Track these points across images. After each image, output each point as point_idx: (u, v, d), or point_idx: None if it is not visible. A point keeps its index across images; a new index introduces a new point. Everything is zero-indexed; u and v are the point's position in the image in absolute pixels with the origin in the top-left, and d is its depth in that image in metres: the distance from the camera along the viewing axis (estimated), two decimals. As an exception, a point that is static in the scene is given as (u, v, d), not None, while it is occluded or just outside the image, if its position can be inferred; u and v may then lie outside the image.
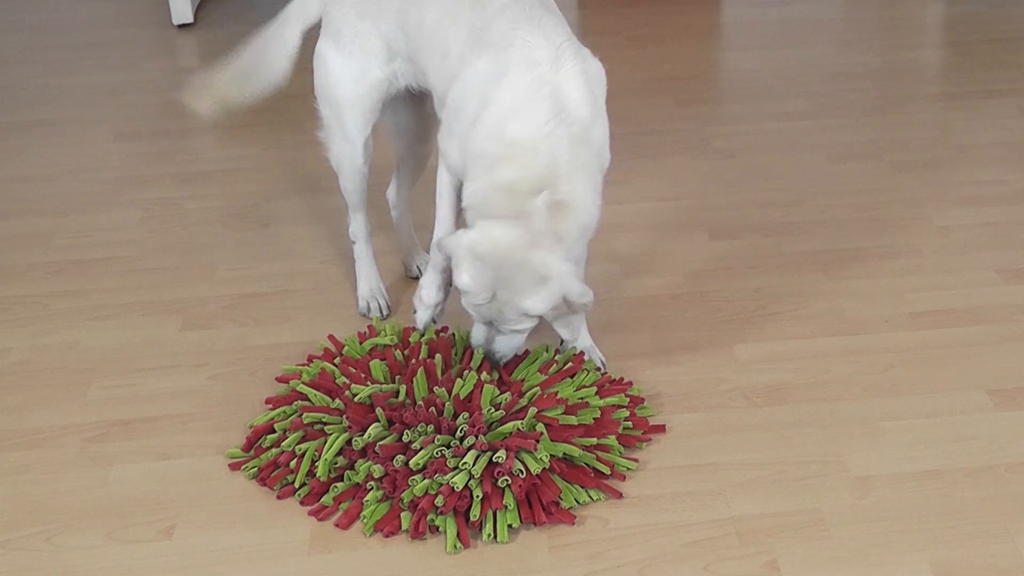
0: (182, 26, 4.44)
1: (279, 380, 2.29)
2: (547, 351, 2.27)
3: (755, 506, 1.99)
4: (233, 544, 1.96)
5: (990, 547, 1.89)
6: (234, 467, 2.11)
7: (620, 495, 2.03)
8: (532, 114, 2.08)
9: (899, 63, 3.84)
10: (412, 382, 2.13)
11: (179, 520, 2.02)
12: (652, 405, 2.23)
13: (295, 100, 3.74)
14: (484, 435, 2.00)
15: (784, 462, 2.09)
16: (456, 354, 2.25)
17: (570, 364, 2.24)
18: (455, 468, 1.96)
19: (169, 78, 3.95)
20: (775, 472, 2.07)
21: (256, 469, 2.09)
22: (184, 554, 1.95)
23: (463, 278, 2.08)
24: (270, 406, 2.23)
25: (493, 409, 2.05)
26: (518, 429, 2.01)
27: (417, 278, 2.67)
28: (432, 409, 2.05)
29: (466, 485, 1.94)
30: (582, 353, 2.30)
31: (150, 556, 1.94)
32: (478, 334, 2.18)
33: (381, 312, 2.57)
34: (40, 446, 2.21)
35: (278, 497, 2.04)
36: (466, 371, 2.16)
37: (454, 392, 2.09)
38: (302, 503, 2.02)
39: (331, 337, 2.38)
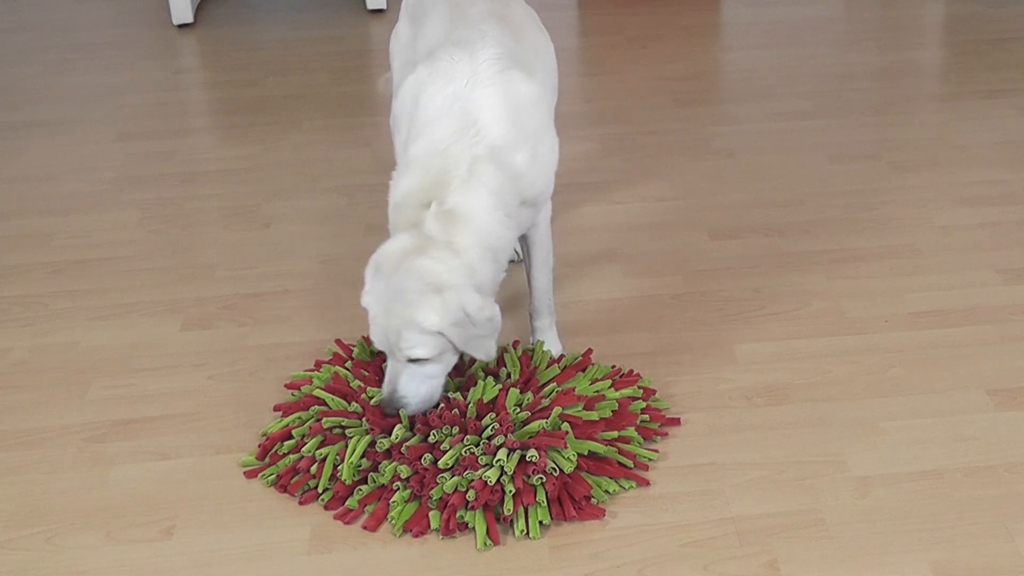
0: (182, 26, 4.44)
1: (288, 387, 2.28)
2: (543, 348, 2.29)
3: (755, 506, 1.99)
4: (233, 544, 1.96)
5: (990, 547, 1.89)
6: (250, 475, 2.10)
7: (648, 483, 2.04)
8: (437, 130, 2.09)
9: (899, 63, 3.84)
10: None
11: (179, 520, 2.02)
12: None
13: (295, 100, 3.75)
14: (512, 434, 2.01)
15: (784, 462, 2.09)
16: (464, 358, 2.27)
17: (579, 359, 2.27)
18: (486, 465, 1.97)
19: (169, 78, 3.96)
20: (775, 472, 2.07)
21: (274, 476, 2.08)
22: (184, 554, 1.95)
23: (364, 295, 2.06)
24: (279, 413, 2.24)
25: (518, 409, 2.06)
26: (544, 428, 2.02)
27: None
28: (455, 411, 2.06)
29: (497, 480, 1.95)
30: (590, 350, 2.31)
31: (150, 556, 1.94)
32: (385, 381, 2.05)
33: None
34: (40, 446, 2.21)
35: (300, 503, 2.04)
36: (477, 374, 2.18)
37: (476, 396, 2.09)
38: (326, 507, 2.02)
39: (339, 341, 2.38)
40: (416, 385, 2.03)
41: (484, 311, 2.00)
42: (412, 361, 2.01)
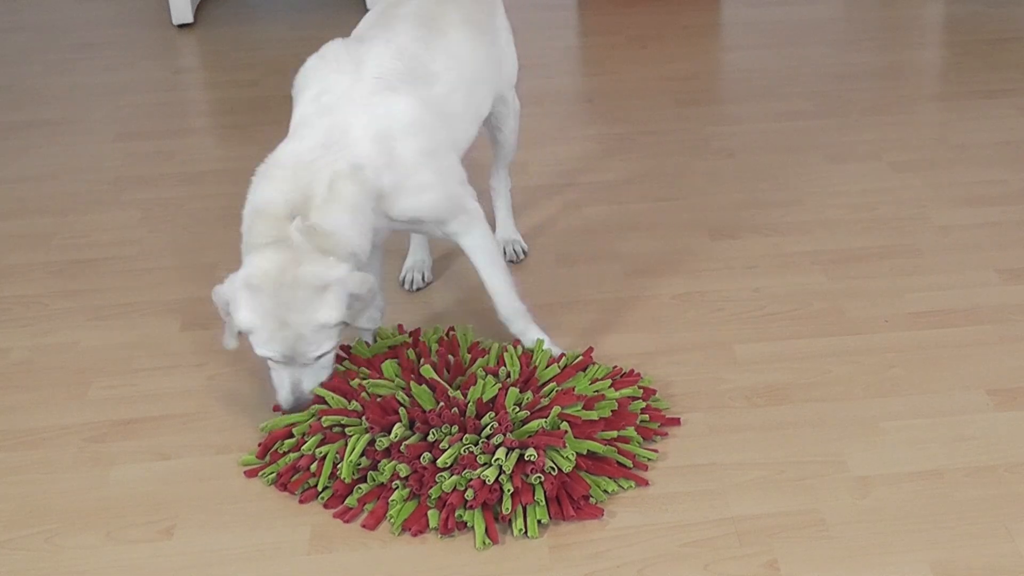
0: (182, 26, 4.44)
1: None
2: (543, 347, 2.29)
3: (755, 506, 1.99)
4: (233, 544, 1.96)
5: (990, 547, 1.89)
6: (250, 474, 2.11)
7: (647, 483, 2.04)
8: (303, 139, 2.11)
9: (899, 63, 3.84)
10: (411, 389, 2.14)
11: (179, 520, 2.02)
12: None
13: (295, 100, 3.75)
14: (511, 433, 2.01)
15: (784, 462, 2.09)
16: (464, 356, 2.27)
17: (580, 358, 2.26)
18: (485, 464, 1.97)
19: (169, 78, 3.96)
20: (775, 472, 2.07)
21: (275, 475, 2.08)
22: (184, 554, 1.95)
23: (242, 315, 2.06)
24: (279, 412, 2.24)
25: (517, 408, 2.06)
26: (543, 428, 2.02)
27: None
28: (454, 410, 2.06)
29: (496, 480, 1.95)
30: (591, 348, 2.31)
31: (150, 556, 1.94)
32: (283, 387, 2.13)
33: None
34: (40, 446, 2.21)
35: (300, 501, 2.04)
36: (477, 373, 2.18)
37: (475, 395, 2.09)
38: (326, 506, 2.02)
39: None
40: (315, 374, 2.14)
41: (364, 285, 2.08)
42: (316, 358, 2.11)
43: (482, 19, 2.41)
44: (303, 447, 2.08)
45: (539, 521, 1.96)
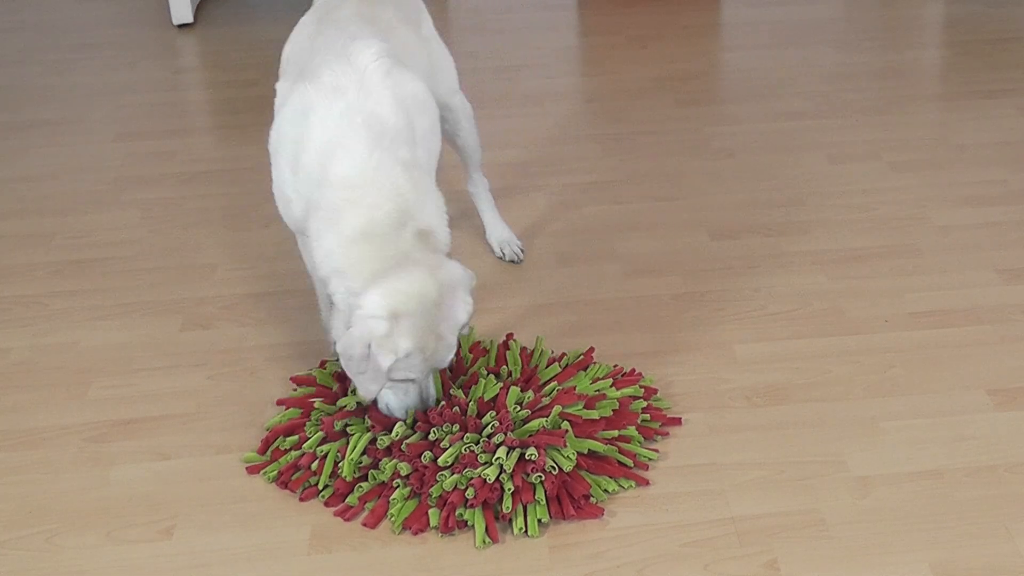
0: (182, 26, 4.44)
1: (294, 380, 2.28)
2: (542, 345, 2.29)
3: (755, 506, 1.99)
4: (233, 544, 1.96)
5: (990, 547, 1.89)
6: (252, 471, 2.11)
7: (647, 482, 2.04)
8: (353, 147, 1.99)
9: (899, 63, 3.84)
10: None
11: (179, 520, 2.02)
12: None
13: (295, 100, 3.75)
14: (512, 432, 2.02)
15: (784, 462, 2.09)
16: (465, 355, 2.27)
17: (581, 357, 2.28)
18: (485, 463, 1.97)
19: (169, 78, 3.96)
20: (775, 472, 2.07)
21: (276, 472, 2.08)
22: (184, 554, 1.95)
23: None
24: (284, 407, 2.24)
25: (518, 408, 2.06)
26: (544, 427, 2.02)
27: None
28: (456, 409, 2.06)
29: (496, 479, 1.95)
30: (592, 348, 2.32)
31: (150, 556, 1.95)
32: (407, 401, 2.05)
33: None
34: (40, 446, 2.21)
35: (300, 499, 2.04)
36: (479, 372, 2.18)
37: (477, 394, 2.09)
38: (327, 504, 2.02)
39: None
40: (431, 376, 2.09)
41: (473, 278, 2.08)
42: None
43: (412, 24, 2.39)
44: (304, 445, 2.08)
45: (539, 520, 1.96)
